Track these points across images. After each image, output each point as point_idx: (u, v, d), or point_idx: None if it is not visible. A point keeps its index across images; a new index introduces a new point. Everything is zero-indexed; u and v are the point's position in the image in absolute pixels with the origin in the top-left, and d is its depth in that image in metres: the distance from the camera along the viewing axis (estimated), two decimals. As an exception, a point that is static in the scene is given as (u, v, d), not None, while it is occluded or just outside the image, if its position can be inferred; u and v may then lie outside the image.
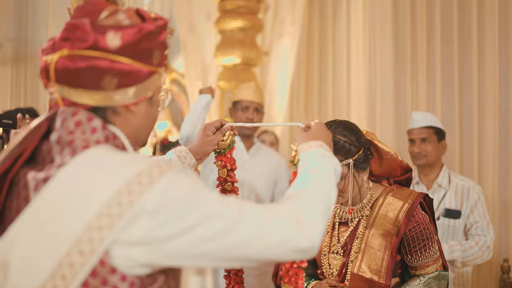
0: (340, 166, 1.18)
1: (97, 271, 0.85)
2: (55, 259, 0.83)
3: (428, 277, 1.69)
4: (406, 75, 4.19)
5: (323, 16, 4.73)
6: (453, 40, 3.97)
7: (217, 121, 1.56)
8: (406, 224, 1.65)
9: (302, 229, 0.94)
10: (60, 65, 0.92)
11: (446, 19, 4.01)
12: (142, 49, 0.95)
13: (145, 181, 0.85)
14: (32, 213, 0.86)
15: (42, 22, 6.94)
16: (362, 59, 4.48)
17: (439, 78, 4.03)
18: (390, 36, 4.27)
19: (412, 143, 2.88)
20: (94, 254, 0.83)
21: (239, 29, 4.29)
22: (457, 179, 2.84)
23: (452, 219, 2.75)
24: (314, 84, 4.76)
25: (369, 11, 4.42)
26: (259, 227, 0.91)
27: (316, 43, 4.76)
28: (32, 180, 0.91)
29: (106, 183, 0.86)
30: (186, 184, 0.89)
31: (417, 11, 4.16)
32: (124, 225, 0.83)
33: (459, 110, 3.95)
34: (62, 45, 0.93)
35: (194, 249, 0.87)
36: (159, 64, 1.01)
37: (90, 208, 0.84)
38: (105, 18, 0.94)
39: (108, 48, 0.92)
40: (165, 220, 0.85)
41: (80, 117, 0.93)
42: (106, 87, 0.94)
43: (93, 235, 0.83)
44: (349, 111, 4.55)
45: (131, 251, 0.85)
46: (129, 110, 0.98)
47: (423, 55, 4.11)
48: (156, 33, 0.98)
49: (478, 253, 2.69)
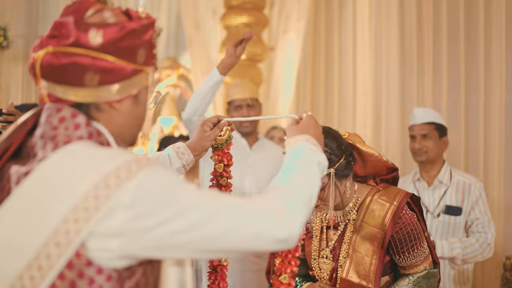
0: (326, 160, 1.19)
1: (73, 263, 0.86)
2: (32, 250, 0.85)
3: (417, 276, 1.67)
4: (412, 72, 4.16)
5: (329, 12, 4.71)
6: (460, 38, 3.93)
7: (214, 116, 1.57)
8: (393, 227, 1.63)
9: (281, 220, 0.95)
10: (45, 61, 0.95)
11: (453, 17, 3.97)
12: (125, 47, 0.97)
13: (122, 175, 0.87)
14: (11, 204, 0.88)
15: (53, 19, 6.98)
16: (368, 55, 4.45)
17: (445, 76, 3.99)
18: (396, 33, 4.24)
19: (413, 139, 2.86)
20: (70, 245, 0.85)
21: (245, 25, 4.29)
22: (459, 175, 2.82)
23: (452, 216, 2.72)
24: (320, 79, 4.74)
25: (375, 7, 4.40)
26: (237, 219, 0.92)
27: (322, 39, 4.74)
28: (14, 174, 0.93)
29: (84, 177, 0.87)
30: (163, 178, 0.90)
31: (423, 8, 4.12)
32: (101, 218, 0.85)
33: (465, 108, 3.91)
34: (48, 42, 0.96)
35: (171, 241, 0.88)
36: (145, 63, 1.01)
37: (67, 201, 0.85)
38: (91, 16, 0.96)
39: (90, 45, 0.94)
40: (141, 212, 0.86)
41: (64, 114, 0.95)
42: (89, 83, 0.95)
43: (70, 227, 0.85)
44: (355, 107, 4.53)
45: (108, 243, 0.86)
46: (112, 107, 0.99)
47: (429, 53, 4.08)
48: (140, 31, 0.99)
49: (479, 250, 2.67)
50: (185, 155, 1.54)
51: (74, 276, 0.86)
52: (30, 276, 0.85)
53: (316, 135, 1.25)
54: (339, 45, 4.65)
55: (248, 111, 3.06)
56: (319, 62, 4.76)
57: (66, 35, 0.94)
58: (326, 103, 4.72)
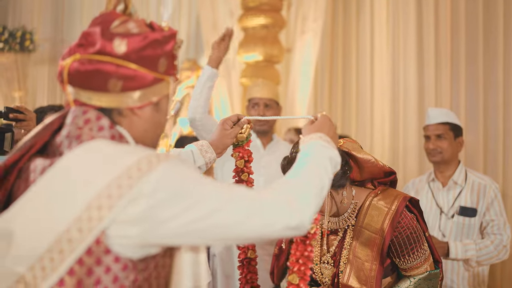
0: (339, 156, 1.23)
1: (92, 250, 0.91)
2: (54, 234, 0.91)
3: (419, 278, 1.67)
4: (429, 72, 4.11)
5: (347, 12, 4.69)
6: (478, 36, 3.86)
7: (234, 115, 1.65)
8: (392, 232, 1.62)
9: (291, 209, 1.01)
10: (72, 68, 1.02)
11: (471, 15, 3.90)
12: (147, 56, 1.03)
13: (144, 167, 0.93)
14: (36, 191, 0.95)
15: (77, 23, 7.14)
16: (385, 54, 4.42)
17: (463, 75, 3.93)
18: (413, 32, 4.20)
19: (428, 139, 2.83)
20: (91, 232, 0.90)
21: (262, 26, 4.32)
22: (474, 176, 2.77)
23: (467, 217, 2.68)
24: (338, 80, 4.73)
25: (393, 6, 4.36)
26: (249, 208, 0.97)
27: (339, 39, 4.73)
28: (39, 165, 1.00)
29: (107, 168, 0.93)
30: (181, 171, 0.96)
31: (441, 6, 4.07)
32: (123, 206, 0.90)
33: (484, 108, 3.83)
34: (76, 50, 1.03)
35: (186, 230, 0.94)
36: (166, 73, 1.08)
37: (91, 189, 0.91)
38: (116, 26, 1.04)
39: (115, 53, 1.01)
40: (160, 202, 0.92)
41: (89, 116, 1.02)
42: (112, 89, 1.02)
43: (93, 214, 0.90)
44: (373, 107, 4.50)
45: (128, 230, 0.92)
46: (134, 113, 1.05)
47: (447, 51, 4.02)
48: (162, 42, 1.06)
49: (494, 252, 2.62)
50: (208, 153, 1.60)
51: (92, 263, 0.92)
52: (50, 258, 0.91)
53: (330, 133, 1.30)
54: (356, 45, 4.63)
55: (264, 110, 3.08)
56: (337, 62, 4.75)
57: (92, 44, 1.02)
58: (343, 104, 4.70)
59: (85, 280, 0.92)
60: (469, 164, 3.73)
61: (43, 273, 0.91)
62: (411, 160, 4.17)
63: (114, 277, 0.93)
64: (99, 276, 0.92)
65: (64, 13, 7.36)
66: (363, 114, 4.57)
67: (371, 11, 4.54)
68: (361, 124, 4.57)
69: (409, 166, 4.18)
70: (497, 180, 3.63)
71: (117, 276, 0.93)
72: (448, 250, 2.59)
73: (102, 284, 0.92)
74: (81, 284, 0.92)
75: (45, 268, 0.91)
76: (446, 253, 2.59)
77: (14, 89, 7.16)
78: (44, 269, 0.91)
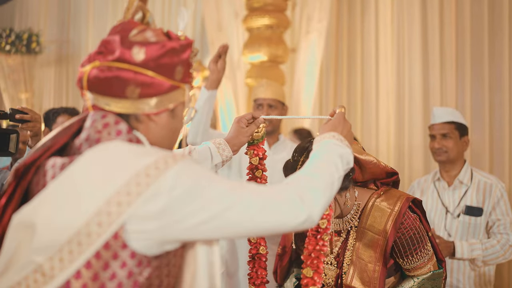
0: (350, 154, 1.27)
1: (110, 244, 0.94)
2: (74, 227, 0.94)
3: (422, 278, 1.66)
4: (435, 71, 4.10)
5: (351, 11, 4.69)
6: (483, 35, 3.85)
7: (248, 114, 1.68)
8: (395, 234, 1.62)
9: (302, 204, 1.05)
10: (92, 75, 1.06)
11: (476, 14, 3.89)
12: (164, 64, 1.07)
13: (161, 166, 0.97)
14: (58, 186, 0.98)
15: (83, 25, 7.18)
16: (390, 54, 4.41)
17: (469, 74, 3.91)
18: (418, 32, 4.19)
19: (433, 138, 2.82)
20: (110, 226, 0.94)
21: (266, 27, 4.32)
22: (480, 175, 2.76)
23: (473, 217, 2.67)
24: (343, 80, 4.73)
25: (397, 6, 4.36)
26: (262, 204, 1.02)
27: (344, 39, 4.73)
28: (58, 162, 1.04)
29: (126, 166, 0.97)
30: (196, 169, 1.01)
31: (446, 5, 4.06)
32: (142, 203, 0.94)
33: (489, 107, 3.82)
34: (96, 58, 1.07)
35: (203, 225, 0.98)
36: (182, 80, 1.12)
37: (111, 186, 0.95)
38: (135, 35, 1.07)
39: (133, 61, 1.04)
40: (178, 198, 0.96)
41: (108, 120, 1.06)
42: (130, 96, 1.05)
43: (112, 209, 0.94)
44: (378, 107, 4.49)
45: (146, 225, 0.95)
46: (150, 119, 1.09)
47: (452, 51, 4.01)
48: (179, 50, 1.09)
49: (500, 252, 2.61)
50: (225, 151, 1.62)
51: (109, 257, 0.95)
52: (69, 250, 0.94)
53: (344, 132, 1.35)
54: (361, 45, 4.63)
55: (269, 110, 3.08)
56: (342, 62, 4.74)
57: (111, 51, 1.05)
58: (349, 104, 4.70)
59: (101, 273, 0.95)
60: (475, 163, 3.72)
61: (61, 264, 0.94)
62: (416, 160, 4.16)
63: (128, 272, 0.96)
64: (114, 270, 0.95)
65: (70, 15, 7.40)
66: (368, 114, 4.56)
67: (376, 11, 4.53)
68: (366, 124, 4.57)
69: (414, 165, 4.17)
70: (503, 179, 3.62)
71: (132, 271, 0.96)
72: (454, 250, 2.58)
73: (117, 279, 0.96)
74: (97, 277, 0.95)
75: (63, 259, 0.94)
76: (452, 253, 2.58)
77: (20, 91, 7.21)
78: (62, 260, 0.94)
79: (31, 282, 0.95)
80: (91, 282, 0.95)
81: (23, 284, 0.96)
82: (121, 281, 0.96)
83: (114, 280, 0.95)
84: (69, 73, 7.36)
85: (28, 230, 0.96)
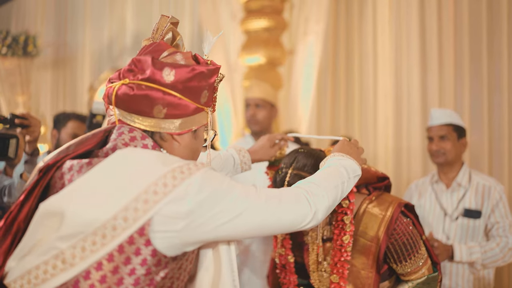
0: (354, 163, 1.38)
1: (134, 240, 0.98)
2: (101, 220, 0.98)
3: (417, 282, 1.64)
4: (433, 73, 4.08)
5: (349, 13, 4.67)
6: (482, 35, 3.83)
7: (279, 134, 1.78)
8: (387, 240, 1.60)
9: (310, 206, 1.16)
10: (121, 91, 1.11)
11: (475, 14, 3.87)
12: (192, 87, 1.12)
13: (185, 171, 1.02)
14: (88, 179, 1.02)
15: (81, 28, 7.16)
16: (388, 56, 4.39)
17: (467, 75, 3.89)
18: (416, 33, 4.17)
19: (431, 140, 2.79)
20: (136, 222, 0.98)
21: (264, 29, 4.31)
22: (478, 177, 2.73)
23: (471, 219, 2.64)
24: (341, 81, 4.71)
25: (395, 7, 4.34)
26: (278, 207, 1.11)
27: (342, 41, 4.71)
28: (76, 164, 1.07)
29: (155, 167, 1.02)
30: (217, 176, 1.07)
31: (444, 6, 4.04)
32: (168, 203, 0.99)
33: (488, 108, 3.79)
34: (126, 75, 1.12)
35: (225, 226, 1.04)
36: (206, 104, 1.17)
37: (140, 183, 1.00)
38: (165, 56, 1.13)
39: (163, 81, 1.09)
40: (203, 202, 1.01)
41: (135, 134, 1.11)
42: (156, 115, 1.11)
43: (139, 205, 0.98)
44: (376, 108, 4.47)
45: (173, 225, 1.00)
46: (174, 138, 1.14)
47: (450, 52, 3.99)
48: (207, 75, 1.14)
49: (499, 255, 2.58)
50: (245, 165, 1.69)
51: (131, 252, 0.98)
52: (92, 241, 0.98)
53: (353, 155, 1.45)
54: (359, 46, 4.61)
55: (256, 110, 3.05)
56: (339, 64, 4.72)
57: (142, 70, 1.10)
58: (346, 105, 4.68)
59: (121, 267, 0.98)
60: (474, 165, 3.70)
61: (83, 254, 0.98)
62: (415, 162, 4.13)
63: (147, 270, 1.00)
64: (134, 266, 0.99)
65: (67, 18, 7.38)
66: (366, 116, 4.54)
67: (374, 12, 4.51)
68: (364, 126, 4.54)
69: (413, 167, 4.15)
70: (502, 181, 3.59)
71: (150, 269, 1.00)
72: (453, 253, 2.55)
73: (136, 275, 0.99)
74: (117, 270, 0.98)
75: (85, 249, 0.98)
76: (450, 256, 2.55)
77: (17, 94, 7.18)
78: (84, 249, 0.98)
79: (49, 267, 0.99)
80: (110, 275, 0.98)
81: (41, 268, 1.00)
82: (139, 278, 1.00)
83: (132, 276, 0.99)
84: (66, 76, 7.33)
85: (56, 218, 1.00)
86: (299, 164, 1.57)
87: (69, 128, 2.95)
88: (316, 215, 1.17)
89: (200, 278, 1.15)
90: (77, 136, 2.89)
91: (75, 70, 7.25)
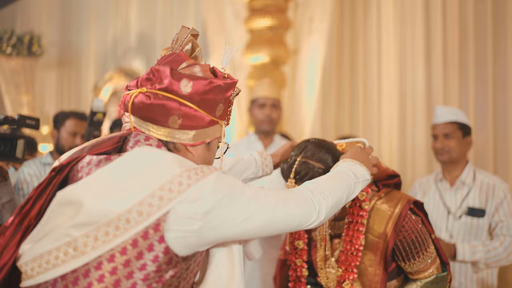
0: (363, 169, 1.41)
1: (149, 234, 1.00)
2: (116, 212, 1.00)
3: (425, 281, 1.63)
4: (438, 72, 4.05)
5: (353, 12, 4.66)
6: (487, 34, 3.80)
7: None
8: (395, 237, 1.59)
9: (314, 206, 1.19)
10: (138, 99, 1.12)
11: (480, 13, 3.84)
12: (208, 99, 1.13)
13: (199, 173, 1.04)
14: (107, 172, 1.05)
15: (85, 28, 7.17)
16: (393, 55, 4.37)
17: (472, 74, 3.87)
18: (421, 32, 4.15)
19: (435, 138, 2.78)
20: (150, 217, 0.99)
21: (268, 28, 4.30)
22: (483, 176, 2.71)
23: (475, 218, 2.63)
24: (345, 81, 4.69)
25: (400, 6, 4.32)
26: (287, 207, 1.14)
27: (346, 40, 4.70)
28: (95, 159, 1.10)
29: (171, 166, 1.04)
30: (230, 179, 1.09)
31: (449, 5, 4.02)
32: (182, 201, 1.00)
33: (493, 107, 3.77)
34: (144, 84, 1.13)
35: (238, 226, 1.07)
36: (221, 117, 1.19)
37: (156, 180, 1.01)
38: (184, 68, 1.14)
39: (180, 92, 1.11)
40: (218, 203, 1.03)
41: (151, 142, 1.12)
42: (171, 125, 1.12)
43: (154, 201, 1.00)
44: (380, 107, 4.45)
45: (190, 225, 1.01)
46: (187, 149, 1.16)
47: (455, 51, 3.96)
48: (223, 88, 1.16)
49: (503, 254, 2.55)
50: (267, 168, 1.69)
51: (144, 247, 1.00)
52: (105, 232, 1.00)
53: (365, 162, 1.47)
54: (363, 45, 4.59)
55: (272, 110, 3.04)
56: (344, 63, 4.71)
57: (160, 80, 1.11)
58: (351, 104, 4.66)
59: (133, 261, 1.00)
60: (479, 164, 3.68)
61: (95, 243, 1.00)
62: (419, 160, 4.12)
63: (158, 267, 1.01)
64: (146, 262, 1.00)
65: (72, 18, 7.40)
66: (370, 114, 4.52)
67: (378, 11, 4.49)
68: (369, 124, 4.53)
69: (418, 165, 4.13)
70: (507, 180, 3.57)
71: (160, 267, 1.01)
72: (456, 252, 2.53)
73: (146, 270, 1.01)
74: (129, 264, 1.00)
75: (97, 239, 1.00)
76: (453, 255, 2.54)
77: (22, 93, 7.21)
78: (96, 239, 1.00)
79: (61, 253, 1.01)
80: (121, 267, 1.00)
81: (53, 254, 1.02)
82: (149, 273, 1.01)
83: (142, 271, 1.00)
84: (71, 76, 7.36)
85: (73, 207, 1.02)
86: (308, 153, 1.57)
87: (68, 126, 2.99)
88: (319, 214, 1.19)
89: (211, 277, 1.17)
90: (77, 133, 2.95)
91: (80, 70, 7.27)
